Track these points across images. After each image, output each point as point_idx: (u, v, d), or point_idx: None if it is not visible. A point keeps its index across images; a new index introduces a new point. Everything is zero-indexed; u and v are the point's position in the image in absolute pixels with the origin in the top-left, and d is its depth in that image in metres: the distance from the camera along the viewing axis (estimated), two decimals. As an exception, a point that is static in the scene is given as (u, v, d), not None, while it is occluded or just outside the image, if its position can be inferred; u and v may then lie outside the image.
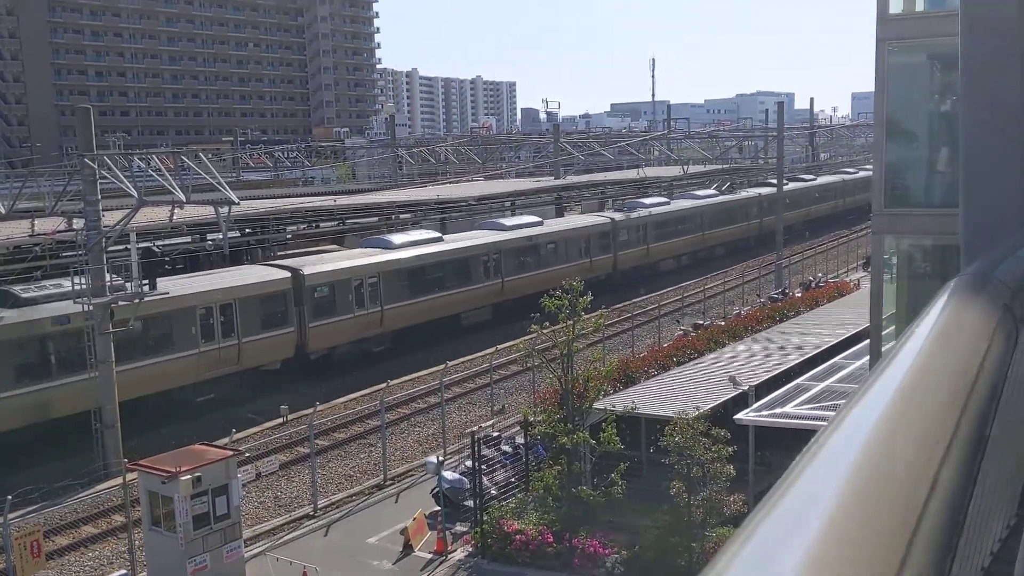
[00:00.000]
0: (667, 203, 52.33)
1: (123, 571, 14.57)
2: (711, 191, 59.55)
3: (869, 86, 15.27)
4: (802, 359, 21.94)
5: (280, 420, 26.22)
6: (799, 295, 36.48)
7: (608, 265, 44.48)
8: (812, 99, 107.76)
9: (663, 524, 16.35)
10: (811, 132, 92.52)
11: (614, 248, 44.88)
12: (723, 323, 31.19)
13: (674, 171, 65.08)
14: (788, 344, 24.13)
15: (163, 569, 16.63)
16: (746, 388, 18.84)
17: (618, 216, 46.85)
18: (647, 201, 51.23)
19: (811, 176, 73.98)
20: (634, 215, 47.50)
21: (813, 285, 40.55)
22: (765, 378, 20.16)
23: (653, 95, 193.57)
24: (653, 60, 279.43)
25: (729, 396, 18.96)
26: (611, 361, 22.57)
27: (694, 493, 15.96)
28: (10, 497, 16.02)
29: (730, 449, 15.89)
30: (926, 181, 16.10)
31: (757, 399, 18.32)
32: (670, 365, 23.26)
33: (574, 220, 46.49)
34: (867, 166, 77.29)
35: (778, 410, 17.34)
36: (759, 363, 22.01)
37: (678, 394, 19.60)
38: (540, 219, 42.47)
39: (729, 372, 20.50)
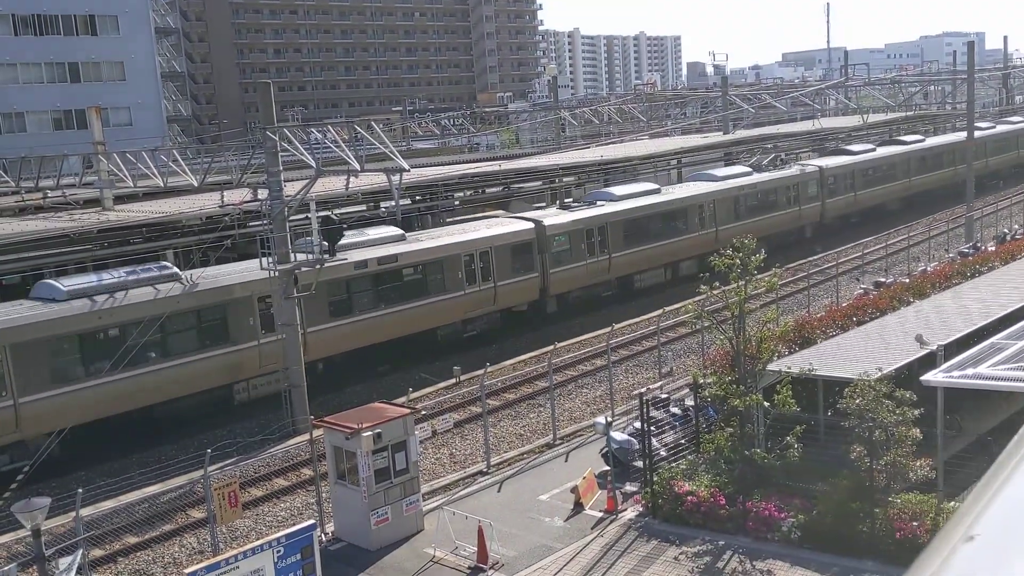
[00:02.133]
0: (873, 150, 53.11)
1: (311, 521, 15.44)
2: (918, 136, 59.21)
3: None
4: (997, 317, 20.42)
5: (453, 380, 26.97)
6: (993, 249, 33.98)
7: (816, 213, 46.28)
8: (1006, 38, 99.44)
9: (843, 489, 15.74)
10: (1005, 73, 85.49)
11: (822, 196, 46.42)
12: (907, 280, 29.51)
13: (853, 121, 61.91)
14: (981, 301, 22.53)
15: (348, 520, 17.54)
16: (934, 348, 17.75)
17: (826, 164, 47.72)
18: (854, 148, 52.47)
19: (1019, 119, 70.32)
20: (842, 162, 48.60)
21: (1009, 238, 37.67)
22: (955, 337, 18.92)
23: (828, 42, 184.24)
24: (828, 4, 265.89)
25: (915, 357, 17.92)
26: (786, 321, 21.83)
27: (876, 457, 15.25)
28: (210, 451, 17.26)
29: (916, 412, 15.06)
30: None
31: (947, 359, 17.23)
32: (849, 325, 22.22)
33: (783, 171, 47.44)
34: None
35: (971, 371, 16.23)
36: (948, 321, 20.67)
37: (858, 355, 18.70)
38: (750, 169, 44.43)
39: (914, 331, 19.37)
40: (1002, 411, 18.84)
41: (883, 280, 32.86)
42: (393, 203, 27.89)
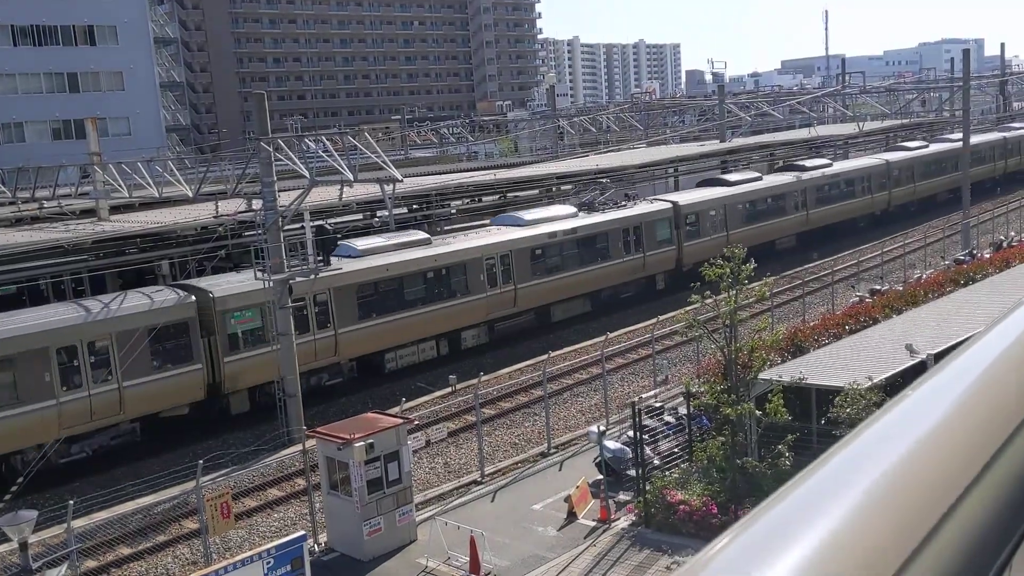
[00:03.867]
0: (926, 146, 57.81)
1: (302, 532, 15.44)
2: (823, 161, 56.52)
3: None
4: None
5: (449, 389, 26.99)
6: (988, 256, 34.01)
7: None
8: (1003, 44, 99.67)
9: (834, 498, 15.72)
10: (1002, 80, 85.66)
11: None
12: (900, 288, 29.55)
13: (849, 128, 62.07)
14: (974, 309, 22.55)
15: (341, 531, 17.55)
16: (924, 357, 17.78)
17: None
18: (911, 145, 57.86)
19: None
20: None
21: (1005, 245, 37.72)
22: (946, 345, 18.94)
23: (827, 49, 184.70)
24: (826, 12, 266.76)
25: (907, 365, 17.95)
26: (778, 330, 21.86)
27: (867, 467, 15.24)
28: (201, 462, 17.27)
29: (906, 421, 15.05)
30: None
31: (937, 368, 17.22)
32: (842, 333, 22.25)
33: (858, 162, 51.02)
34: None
35: (961, 380, 16.23)
36: (940, 330, 20.70)
37: (850, 363, 18.72)
38: (830, 161, 48.93)
39: (907, 340, 19.40)
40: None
41: (879, 288, 32.90)
42: (387, 213, 27.95)
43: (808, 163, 48.99)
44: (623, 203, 38.29)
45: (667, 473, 18.59)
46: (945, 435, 1.10)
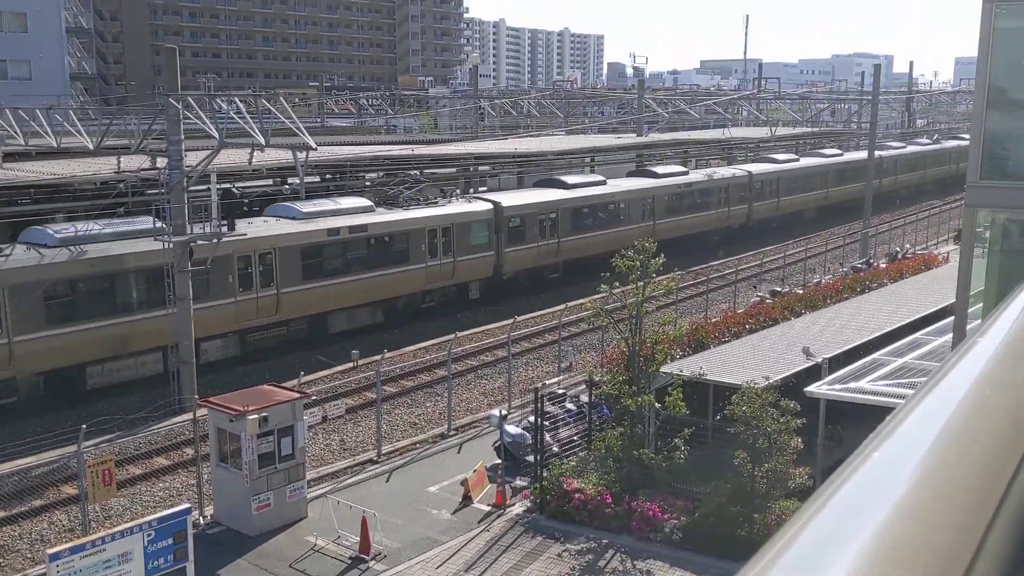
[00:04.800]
0: (796, 159, 55.85)
1: (187, 505, 14.94)
2: (836, 151, 61.11)
3: (975, 51, 14.34)
4: (881, 333, 21.16)
5: (351, 364, 26.57)
6: (884, 266, 35.26)
7: (743, 215, 48.65)
8: (911, 63, 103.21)
9: (725, 493, 16.05)
10: (908, 97, 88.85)
11: (751, 199, 48.76)
12: (801, 291, 30.35)
13: (761, 132, 63.46)
14: (868, 316, 23.31)
15: (228, 504, 17.07)
16: (819, 360, 18.26)
17: (756, 170, 49.74)
18: (780, 157, 54.70)
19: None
20: (771, 169, 50.34)
21: (899, 256, 39.14)
22: (841, 350, 19.51)
23: (745, 53, 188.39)
24: (747, 16, 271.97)
25: (802, 367, 18.42)
26: (681, 325, 22.17)
27: (759, 464, 15.60)
28: (84, 427, 16.55)
29: (798, 421, 15.45)
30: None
31: (831, 372, 17.74)
32: (743, 332, 22.72)
33: (718, 171, 49.75)
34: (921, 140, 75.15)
35: (852, 384, 16.75)
36: (836, 334, 21.31)
37: (749, 362, 19.11)
38: (686, 169, 48.58)
39: (804, 342, 19.91)
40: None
41: (779, 289, 33.74)
42: (298, 180, 27.25)
43: (661, 169, 45.21)
44: (435, 200, 34.07)
45: (565, 460, 18.67)
46: (978, 428, 1.16)
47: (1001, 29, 14.27)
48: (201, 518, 17.21)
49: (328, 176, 36.56)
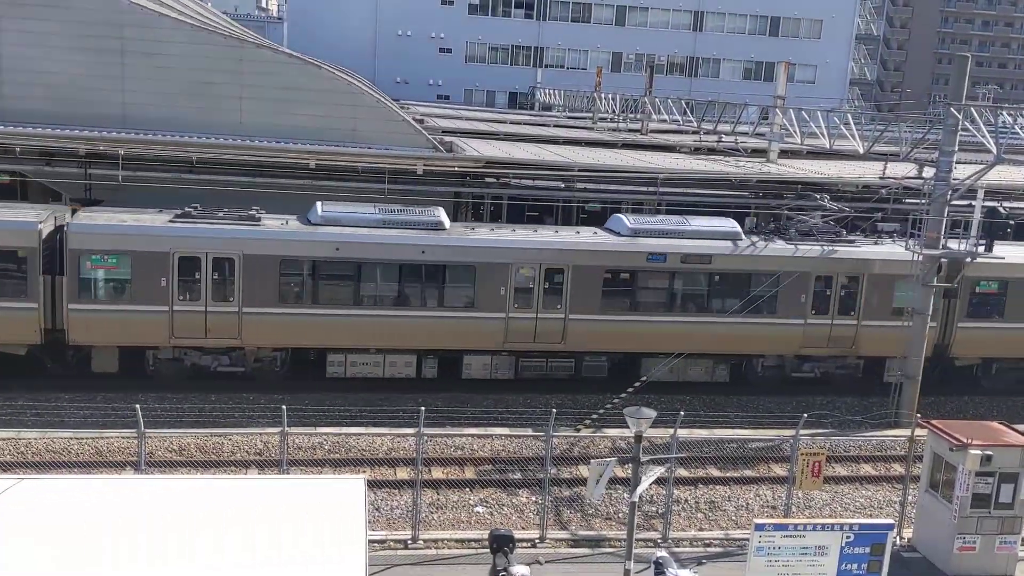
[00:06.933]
0: None
1: (890, 520, 14.64)
2: None
3: None
4: None
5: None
6: None
7: None
8: None
9: None
10: None
11: None
12: None
13: None
14: None
15: (930, 534, 16.31)
16: None
17: None
18: None
19: None
20: None
21: None
22: None
23: None
24: None
25: None
26: None
27: None
28: (805, 415, 17.32)
29: None
30: None
31: None
32: None
33: None
34: None
35: None
36: None
37: None
38: None
39: None
40: None
41: None
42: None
43: None
44: (842, 234, 25.45)
45: None
46: None
47: None
48: (898, 538, 16.74)
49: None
